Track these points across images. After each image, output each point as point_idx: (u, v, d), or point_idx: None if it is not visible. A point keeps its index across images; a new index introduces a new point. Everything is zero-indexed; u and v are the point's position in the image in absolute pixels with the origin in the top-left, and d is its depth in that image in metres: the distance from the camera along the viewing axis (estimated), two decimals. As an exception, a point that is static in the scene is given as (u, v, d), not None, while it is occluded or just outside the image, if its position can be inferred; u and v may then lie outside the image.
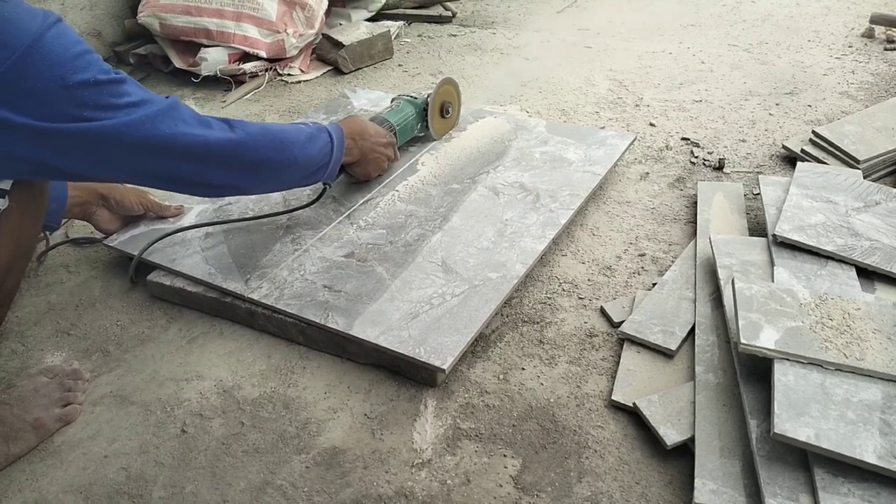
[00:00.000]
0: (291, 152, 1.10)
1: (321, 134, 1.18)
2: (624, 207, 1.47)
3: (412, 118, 1.53)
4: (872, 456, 0.79)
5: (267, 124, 1.09)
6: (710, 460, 0.89)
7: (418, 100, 1.56)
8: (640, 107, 1.90)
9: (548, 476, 0.94)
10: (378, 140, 1.38)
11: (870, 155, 1.44)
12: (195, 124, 0.97)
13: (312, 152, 1.14)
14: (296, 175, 1.15)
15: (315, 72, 2.28)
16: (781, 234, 1.17)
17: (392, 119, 1.48)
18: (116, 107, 0.89)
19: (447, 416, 1.03)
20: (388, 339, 1.07)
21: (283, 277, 1.21)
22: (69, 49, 0.85)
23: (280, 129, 1.10)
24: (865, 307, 0.98)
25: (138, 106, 0.91)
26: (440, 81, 1.57)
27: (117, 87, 0.90)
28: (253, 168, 1.05)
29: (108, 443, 1.03)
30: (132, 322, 1.26)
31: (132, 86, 0.92)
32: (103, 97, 0.88)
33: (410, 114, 1.53)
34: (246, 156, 1.02)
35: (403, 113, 1.52)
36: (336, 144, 1.20)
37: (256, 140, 1.03)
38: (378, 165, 1.41)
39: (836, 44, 2.21)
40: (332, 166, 1.20)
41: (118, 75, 0.91)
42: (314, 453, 0.99)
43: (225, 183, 1.05)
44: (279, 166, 1.09)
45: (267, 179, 1.11)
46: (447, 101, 1.59)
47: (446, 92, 1.59)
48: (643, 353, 1.09)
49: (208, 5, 2.17)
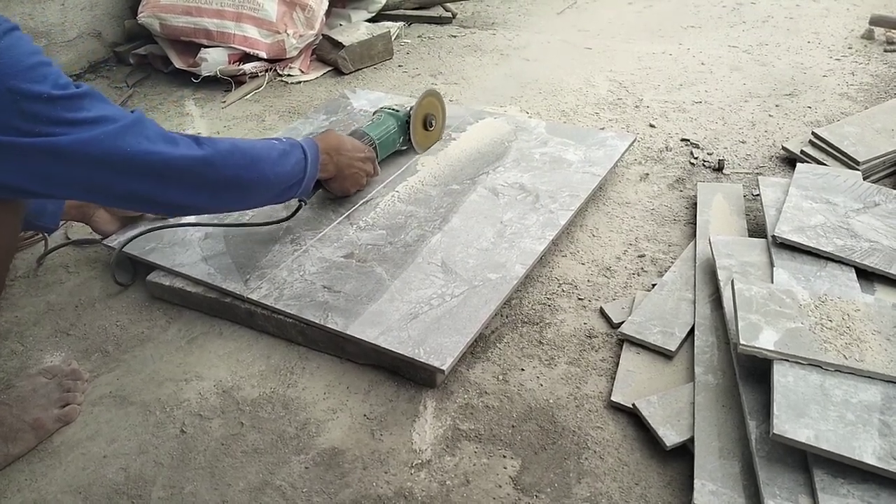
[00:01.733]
0: (261, 170, 1.05)
1: (294, 150, 1.14)
2: (623, 208, 1.47)
3: (394, 131, 1.48)
4: (872, 457, 0.79)
5: (238, 141, 1.04)
6: (710, 461, 0.89)
7: (400, 112, 1.51)
8: (639, 108, 1.90)
9: (547, 477, 0.93)
10: (355, 155, 1.32)
11: (869, 156, 1.44)
12: (159, 141, 0.92)
13: (285, 170, 1.10)
14: (267, 193, 1.11)
15: (315, 72, 2.28)
16: (781, 235, 1.17)
17: (372, 132, 1.43)
18: (71, 122, 0.84)
19: (446, 417, 1.03)
20: (388, 339, 1.07)
21: (282, 278, 1.21)
22: (22, 60, 0.82)
23: (251, 146, 1.05)
24: (865, 308, 0.98)
25: (97, 122, 0.86)
26: (423, 93, 1.52)
27: (74, 101, 0.85)
28: (220, 187, 1.00)
29: (108, 443, 1.03)
30: (131, 322, 1.26)
31: (92, 101, 0.87)
32: (57, 112, 0.83)
33: (392, 127, 1.48)
34: (212, 174, 0.98)
35: (384, 126, 1.47)
36: (310, 161, 1.16)
37: (224, 158, 0.99)
38: (356, 181, 1.36)
39: (835, 45, 2.22)
40: (306, 183, 1.16)
41: (78, 89, 0.86)
42: (313, 454, 0.99)
43: (191, 203, 1.00)
44: (248, 185, 1.04)
45: (235, 199, 1.06)
46: (430, 114, 1.55)
47: (430, 104, 1.55)
48: (643, 354, 1.09)
49: (208, 6, 2.17)
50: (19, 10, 2.18)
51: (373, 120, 1.49)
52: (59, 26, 2.30)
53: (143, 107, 2.13)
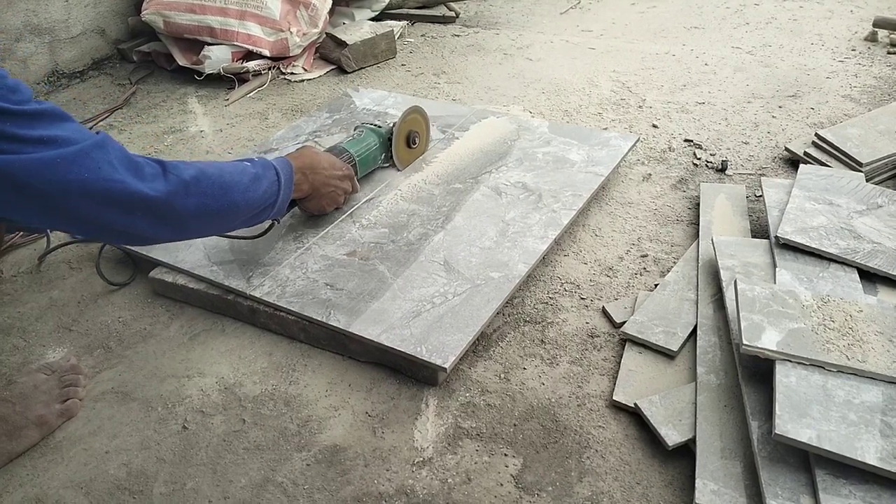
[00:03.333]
0: (231, 197, 1.00)
1: (267, 172, 1.09)
2: (626, 208, 1.47)
3: (375, 148, 1.44)
4: (874, 457, 0.79)
5: (207, 166, 0.98)
6: (712, 461, 0.89)
7: (382, 129, 1.47)
8: (643, 108, 1.90)
9: (548, 475, 0.94)
10: (333, 173, 1.27)
11: (872, 158, 1.44)
12: (121, 169, 0.85)
13: (256, 194, 1.05)
14: (237, 220, 1.05)
15: (318, 71, 2.28)
16: (784, 235, 1.17)
17: (352, 149, 1.39)
18: (23, 140, 0.77)
19: (448, 415, 1.03)
20: (390, 337, 1.07)
21: (285, 275, 1.21)
22: None
23: (219, 171, 1.00)
24: (867, 309, 0.98)
25: (53, 143, 0.79)
26: (407, 110, 1.48)
27: (29, 118, 0.78)
28: (187, 217, 0.94)
29: (110, 439, 1.03)
30: (134, 318, 1.26)
31: (52, 120, 0.81)
32: (6, 127, 0.76)
33: (373, 144, 1.44)
34: (178, 204, 0.91)
35: (365, 143, 1.42)
36: (283, 182, 1.11)
37: (188, 187, 0.93)
38: (332, 200, 1.30)
39: (839, 47, 2.21)
40: (280, 205, 1.11)
41: (39, 106, 0.80)
42: (315, 451, 0.99)
43: (155, 234, 0.93)
44: (217, 213, 0.99)
45: (203, 227, 1.01)
46: (414, 131, 1.51)
47: (413, 121, 1.51)
48: (645, 354, 1.09)
49: (212, 3, 2.17)
50: (23, 7, 2.19)
51: (353, 136, 1.45)
52: (62, 23, 2.30)
53: (147, 104, 2.14)
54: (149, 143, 1.89)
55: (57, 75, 2.32)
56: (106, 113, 2.07)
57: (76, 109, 2.11)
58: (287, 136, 1.71)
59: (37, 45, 2.25)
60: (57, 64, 2.32)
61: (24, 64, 2.23)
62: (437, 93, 2.06)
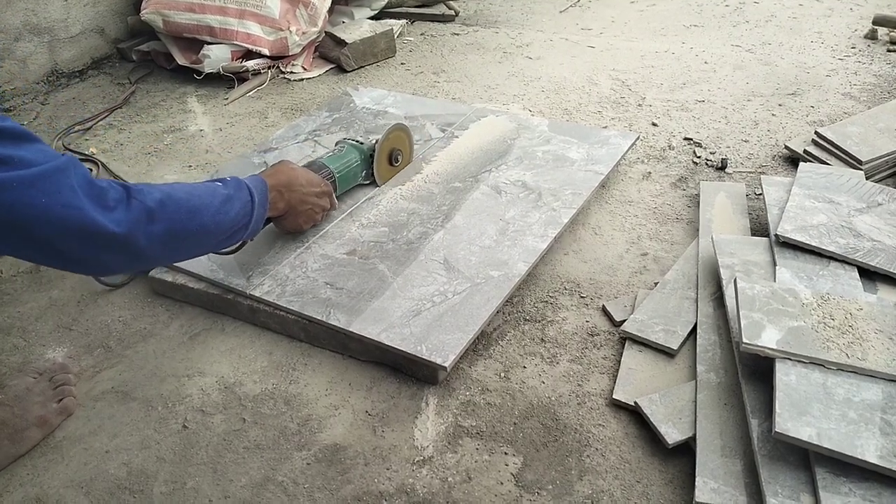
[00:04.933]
0: (200, 221, 0.95)
1: (240, 193, 1.04)
2: (626, 207, 1.47)
3: (356, 165, 1.40)
4: (874, 455, 0.79)
5: (175, 189, 0.94)
6: (712, 459, 0.89)
7: (364, 146, 1.43)
8: (642, 106, 1.90)
9: (549, 474, 0.94)
10: (309, 190, 1.22)
11: (872, 156, 1.44)
12: (82, 195, 0.80)
13: (228, 216, 1.00)
14: (208, 243, 1.01)
15: (318, 70, 2.28)
16: (784, 234, 1.17)
17: (332, 165, 1.35)
18: None
19: (448, 414, 1.03)
20: (390, 336, 1.07)
21: (285, 274, 1.21)
22: None
23: (188, 196, 0.94)
24: (867, 307, 0.98)
25: (10, 164, 0.75)
26: (390, 127, 1.44)
27: None
28: (150, 246, 0.88)
29: (110, 438, 1.03)
30: (134, 318, 1.26)
31: (13, 139, 0.77)
32: None
33: (354, 160, 1.39)
34: (140, 233, 0.86)
35: (346, 159, 1.38)
36: (257, 202, 1.06)
37: (153, 213, 0.88)
38: (309, 217, 1.26)
39: (838, 45, 2.21)
40: (254, 226, 1.07)
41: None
42: (315, 450, 0.99)
43: (115, 266, 0.88)
44: (185, 237, 0.94)
45: (171, 253, 0.96)
46: (397, 149, 1.47)
47: (397, 138, 1.47)
48: (645, 352, 1.09)
49: (211, 2, 2.17)
50: (22, 6, 2.18)
51: (334, 151, 1.41)
52: (61, 22, 2.30)
53: (146, 103, 2.14)
54: (148, 143, 1.89)
55: (56, 75, 2.32)
56: (105, 112, 2.07)
57: (76, 109, 2.11)
58: (287, 135, 1.71)
59: (36, 44, 2.25)
60: (56, 63, 2.32)
61: (23, 63, 2.23)
62: (436, 91, 2.06)
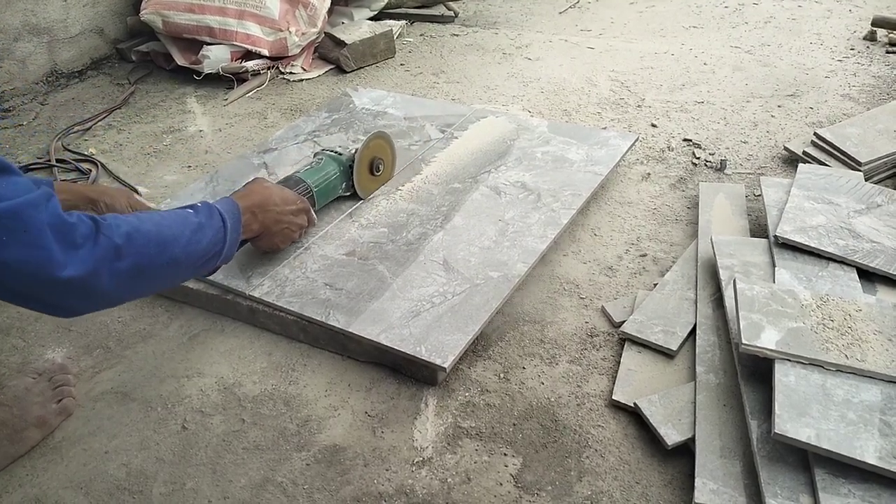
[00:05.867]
0: (170, 253, 0.91)
1: (212, 221, 0.99)
2: (625, 208, 1.47)
3: (335, 177, 1.35)
4: (873, 457, 0.79)
5: (144, 221, 0.89)
6: (711, 460, 0.89)
7: (343, 156, 1.37)
8: (641, 108, 1.90)
9: (548, 475, 0.94)
10: (284, 209, 1.18)
11: (871, 157, 1.44)
12: (51, 234, 0.76)
13: (200, 246, 0.96)
14: (179, 275, 0.97)
15: (317, 70, 2.28)
16: (783, 235, 1.17)
17: (309, 179, 1.30)
18: None
19: (448, 415, 1.03)
20: (389, 337, 1.07)
21: (284, 275, 1.21)
22: None
23: (158, 225, 0.90)
24: (867, 309, 0.98)
25: None
26: (370, 136, 1.39)
27: None
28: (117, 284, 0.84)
29: (109, 439, 1.03)
30: (133, 319, 1.26)
31: None
32: None
33: (333, 172, 1.34)
34: (105, 272, 0.82)
35: (324, 172, 1.33)
36: (230, 227, 1.02)
37: (120, 250, 0.83)
38: (286, 237, 1.21)
39: (837, 46, 2.22)
40: (227, 252, 1.02)
41: None
42: (314, 451, 0.99)
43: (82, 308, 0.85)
44: (154, 271, 0.89)
45: (140, 288, 0.91)
46: (378, 157, 1.41)
47: (377, 147, 1.41)
48: (644, 353, 1.09)
49: (211, 3, 2.17)
50: (21, 7, 2.18)
51: (312, 164, 1.35)
52: (61, 23, 2.30)
53: (145, 104, 2.13)
54: (148, 143, 1.89)
55: (56, 75, 2.32)
56: (105, 113, 2.07)
57: (75, 109, 2.11)
58: (286, 135, 1.71)
59: (35, 44, 2.25)
60: (55, 64, 2.32)
61: (22, 64, 2.23)
62: (435, 92, 2.06)
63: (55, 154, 1.83)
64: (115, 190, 1.24)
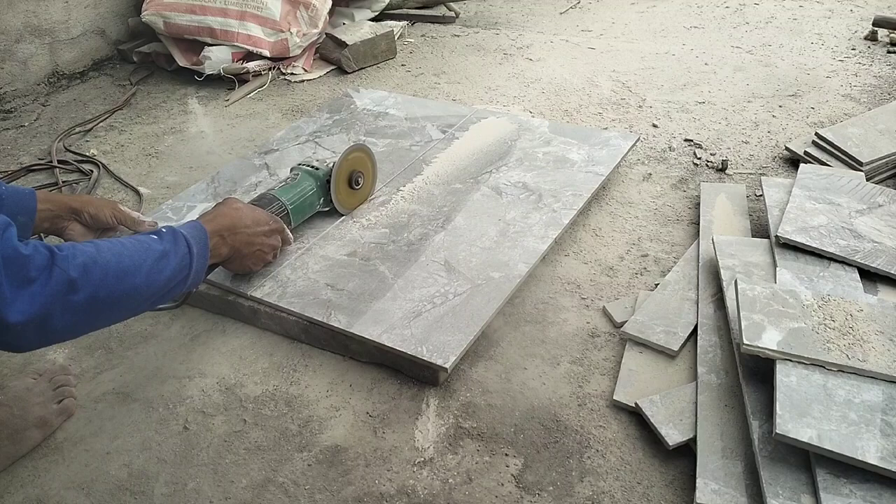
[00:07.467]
0: (131, 283, 0.87)
1: (177, 247, 0.95)
2: (626, 208, 1.47)
3: (311, 193, 1.30)
4: (874, 457, 0.79)
5: (104, 250, 0.86)
6: (712, 460, 0.89)
7: (320, 171, 1.32)
8: (643, 108, 1.90)
9: (549, 475, 0.94)
10: (256, 230, 1.13)
11: (873, 157, 1.44)
12: (2, 269, 0.73)
13: (163, 275, 0.92)
14: (140, 305, 0.92)
15: (318, 71, 2.28)
16: (784, 235, 1.17)
17: (284, 197, 1.25)
18: None
19: (449, 415, 1.03)
20: (391, 337, 1.07)
21: (285, 276, 1.21)
22: None
23: (119, 255, 0.87)
24: (868, 309, 0.98)
25: None
26: (348, 148, 1.34)
27: None
28: (71, 318, 0.81)
29: (110, 439, 1.03)
30: (135, 320, 1.25)
31: None
32: None
33: (309, 188, 1.30)
34: (59, 306, 0.79)
35: (300, 188, 1.28)
36: (196, 253, 0.98)
37: (74, 283, 0.80)
38: (258, 259, 1.16)
39: (839, 46, 2.22)
40: (193, 279, 0.98)
41: None
42: (316, 451, 0.99)
43: (29, 345, 0.81)
44: (113, 302, 0.86)
45: (96, 321, 0.87)
46: (357, 171, 1.36)
47: (357, 160, 1.36)
48: (645, 354, 1.09)
49: (212, 4, 2.17)
50: (23, 8, 2.19)
51: (287, 181, 1.30)
52: (62, 24, 2.31)
53: (147, 105, 2.14)
54: (149, 144, 1.90)
55: (57, 76, 2.32)
56: (106, 114, 2.07)
57: (76, 110, 2.11)
58: (287, 136, 1.71)
59: (37, 46, 2.25)
60: (57, 65, 2.32)
61: (24, 65, 2.23)
62: (437, 93, 2.06)
63: (57, 155, 1.84)
64: (100, 200, 1.20)
